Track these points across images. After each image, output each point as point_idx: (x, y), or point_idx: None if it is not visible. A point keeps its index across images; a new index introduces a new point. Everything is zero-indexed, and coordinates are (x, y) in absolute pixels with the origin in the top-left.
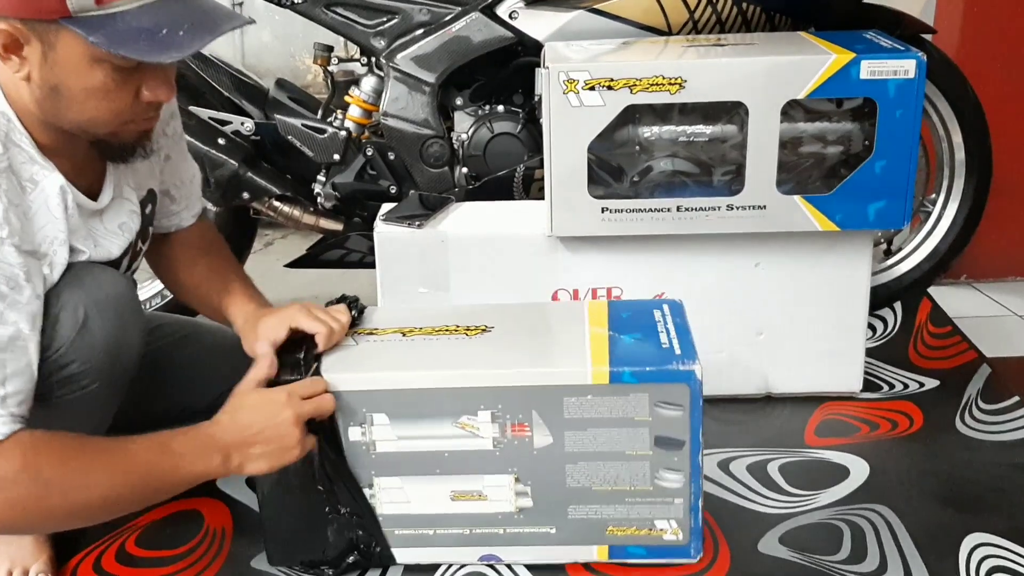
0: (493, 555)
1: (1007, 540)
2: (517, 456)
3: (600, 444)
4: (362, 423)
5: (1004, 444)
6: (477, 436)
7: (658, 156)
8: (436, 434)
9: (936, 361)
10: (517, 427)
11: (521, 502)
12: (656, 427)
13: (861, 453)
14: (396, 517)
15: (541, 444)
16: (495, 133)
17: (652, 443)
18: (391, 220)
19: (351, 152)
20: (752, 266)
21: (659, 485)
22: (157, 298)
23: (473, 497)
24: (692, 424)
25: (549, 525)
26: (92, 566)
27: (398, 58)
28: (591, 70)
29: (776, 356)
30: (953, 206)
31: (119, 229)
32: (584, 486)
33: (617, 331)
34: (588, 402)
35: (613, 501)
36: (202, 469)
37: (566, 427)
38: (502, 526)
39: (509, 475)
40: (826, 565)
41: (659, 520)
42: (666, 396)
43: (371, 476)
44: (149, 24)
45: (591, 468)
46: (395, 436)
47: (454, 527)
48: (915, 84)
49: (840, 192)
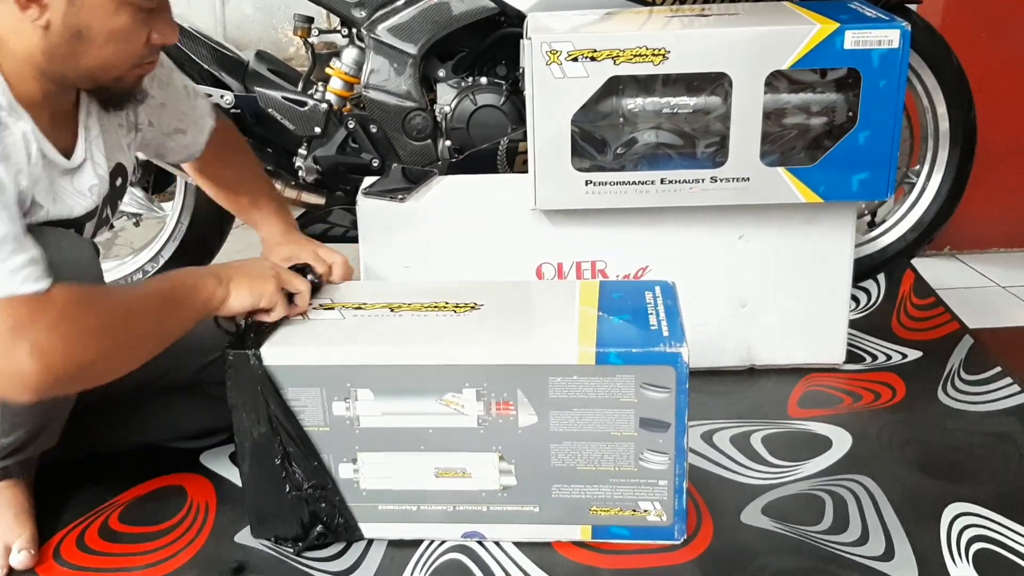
0: (476, 532)
1: (988, 509)
2: (501, 434)
3: (585, 424)
4: (346, 398)
5: (986, 414)
6: (461, 414)
7: (642, 128)
8: (420, 410)
9: (919, 332)
10: (502, 405)
11: (505, 480)
12: (642, 409)
13: (844, 424)
14: (379, 492)
15: (526, 423)
16: (478, 105)
17: (637, 425)
18: (373, 194)
19: (333, 125)
20: (736, 238)
21: (643, 467)
22: (139, 273)
23: (457, 474)
24: (678, 406)
25: (533, 504)
26: (75, 542)
27: (379, 29)
28: (574, 41)
29: (760, 328)
30: (937, 177)
31: (88, 191)
32: (568, 465)
33: (607, 312)
34: (574, 382)
35: (597, 481)
36: (203, 285)
37: (551, 407)
38: (485, 503)
39: (493, 453)
40: (808, 535)
41: (643, 501)
42: (652, 378)
43: (355, 451)
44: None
45: (575, 448)
46: (379, 412)
47: (437, 503)
48: (899, 54)
49: (824, 164)
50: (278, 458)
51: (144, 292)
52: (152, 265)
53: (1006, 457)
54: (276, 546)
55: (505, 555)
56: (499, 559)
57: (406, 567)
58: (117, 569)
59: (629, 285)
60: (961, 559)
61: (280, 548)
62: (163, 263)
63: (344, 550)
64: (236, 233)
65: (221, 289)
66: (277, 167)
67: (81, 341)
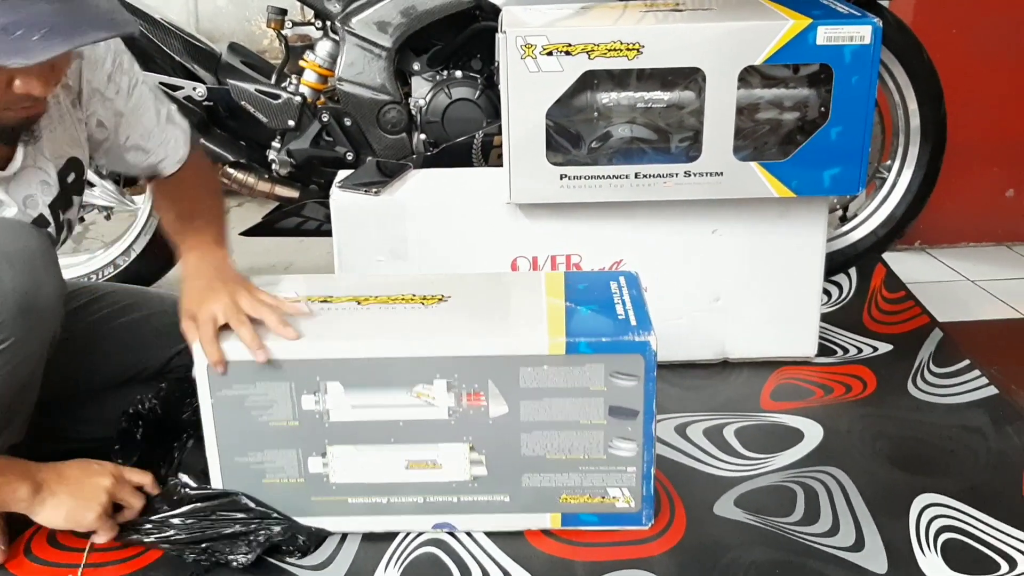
0: (447, 523)
1: (957, 500)
2: (472, 425)
3: (555, 414)
4: (315, 391)
5: (955, 407)
6: (432, 405)
7: (616, 122)
8: (391, 403)
9: (890, 326)
10: (473, 396)
11: (475, 470)
12: (611, 397)
13: (815, 416)
14: (349, 486)
15: (496, 413)
16: (453, 99)
17: (606, 413)
18: (348, 187)
19: (306, 118)
20: (709, 232)
21: (612, 454)
22: (110, 267)
23: (427, 466)
24: (646, 394)
25: (503, 493)
26: (47, 538)
27: (353, 22)
28: (549, 35)
29: (733, 321)
30: (908, 172)
31: (23, 203)
32: (538, 455)
33: (574, 303)
34: (544, 372)
35: (567, 469)
36: (11, 487)
37: (522, 396)
38: (456, 494)
39: (464, 444)
40: (780, 526)
41: (612, 488)
42: (621, 367)
43: (324, 445)
44: (5, 22)
45: (545, 437)
46: (349, 405)
47: (408, 495)
48: (871, 50)
49: (796, 158)
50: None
51: None
52: (123, 259)
53: (974, 449)
54: None
55: (479, 548)
56: (473, 552)
57: (380, 561)
58: (88, 565)
59: (593, 276)
60: (930, 549)
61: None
62: (134, 257)
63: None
64: None
65: (31, 501)
66: (250, 160)
67: None
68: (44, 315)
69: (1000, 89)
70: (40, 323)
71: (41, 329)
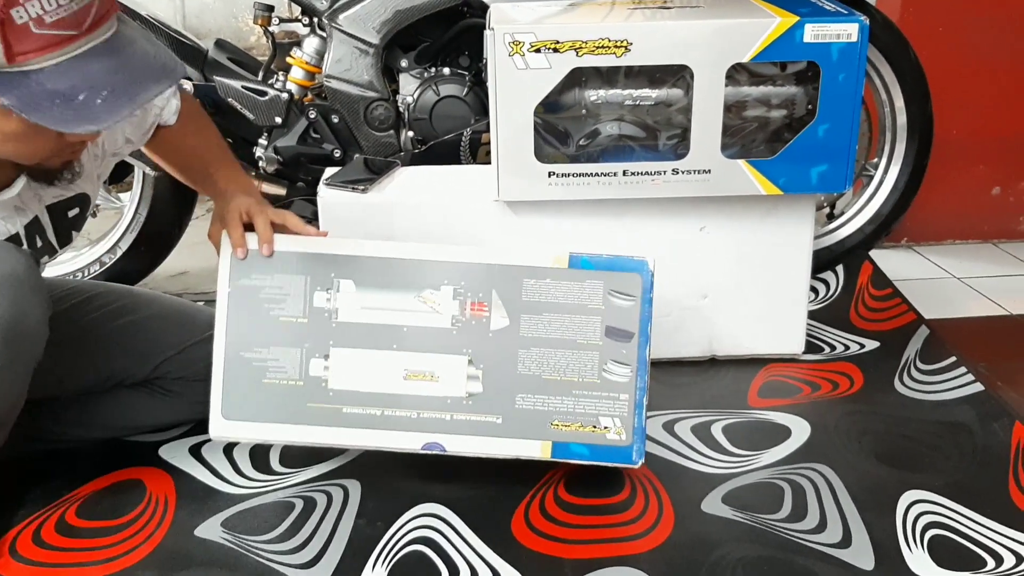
0: (437, 443)
1: (943, 497)
2: (472, 337)
3: (553, 331)
4: (328, 288)
5: (941, 403)
6: (436, 312)
7: (604, 120)
8: (398, 306)
9: (876, 323)
10: (476, 306)
11: (471, 387)
12: (608, 317)
13: (803, 413)
14: (346, 393)
15: (497, 326)
16: (441, 96)
17: (603, 333)
18: (335, 185)
19: (293, 115)
20: (697, 230)
21: (606, 378)
22: (96, 265)
23: (425, 377)
24: (642, 316)
25: (496, 415)
26: (32, 538)
27: (341, 18)
28: (537, 32)
29: (720, 319)
30: (895, 170)
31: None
32: (534, 373)
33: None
34: (546, 285)
35: (560, 392)
36: None
37: (523, 310)
38: (450, 411)
39: (463, 356)
40: (768, 523)
41: (604, 417)
42: (619, 285)
43: (328, 346)
44: (65, 87)
45: (543, 355)
46: (358, 306)
47: (402, 409)
48: (857, 48)
49: (783, 156)
50: None
51: None
52: (109, 257)
53: (960, 446)
54: (236, 540)
55: (467, 546)
56: (461, 550)
57: (368, 559)
58: (75, 564)
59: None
60: (916, 545)
61: (241, 542)
62: (120, 254)
63: (305, 543)
64: (196, 224)
65: None
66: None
67: None
68: (29, 341)
69: (986, 87)
70: (25, 349)
71: (26, 355)
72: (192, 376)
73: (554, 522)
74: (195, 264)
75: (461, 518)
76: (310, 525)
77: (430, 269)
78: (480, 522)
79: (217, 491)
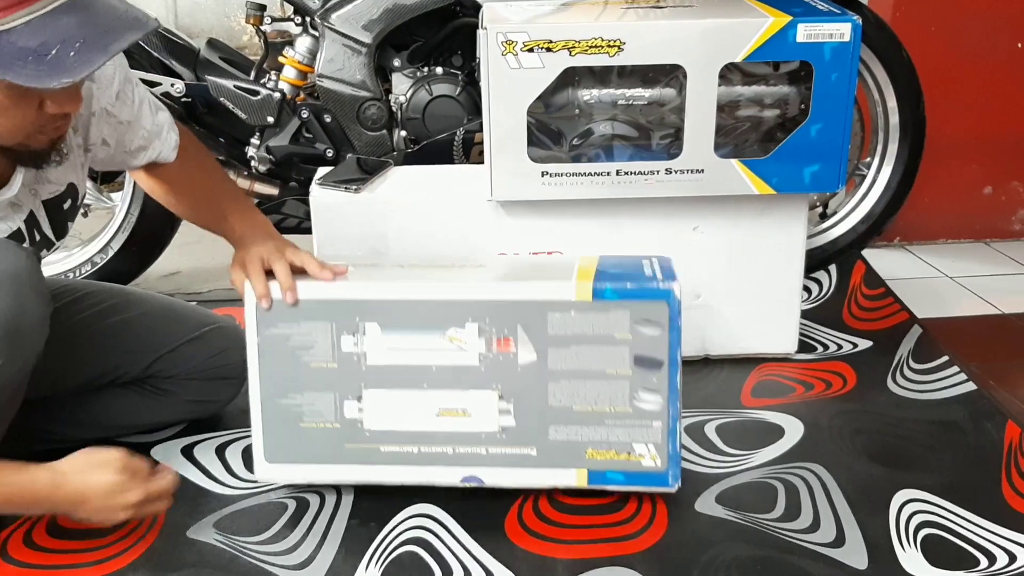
0: (475, 476)
1: (936, 496)
2: (501, 373)
3: (582, 362)
4: (355, 332)
5: (934, 403)
6: (463, 351)
7: (597, 119)
8: (425, 346)
9: (869, 322)
10: (502, 342)
11: (504, 420)
12: (636, 346)
13: (796, 413)
14: (383, 433)
15: (525, 360)
16: (434, 95)
17: (632, 362)
18: (328, 184)
19: (286, 114)
20: (690, 230)
21: (638, 407)
22: (87, 265)
23: (457, 414)
24: (671, 344)
25: (530, 446)
26: (23, 539)
27: (333, 17)
28: (530, 31)
29: (714, 319)
30: (887, 169)
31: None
32: (565, 405)
33: (603, 266)
34: (571, 318)
35: (592, 422)
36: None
37: (550, 344)
38: (484, 445)
39: (493, 391)
40: (761, 523)
41: (637, 444)
42: (646, 314)
43: (360, 388)
44: (36, 43)
45: (572, 387)
46: (385, 347)
47: (438, 445)
48: (850, 47)
49: (776, 156)
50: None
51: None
52: (101, 256)
53: (953, 445)
54: (229, 541)
55: (461, 547)
56: (455, 551)
57: (361, 559)
58: (67, 566)
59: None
60: (910, 545)
61: (233, 543)
62: (112, 254)
63: (298, 544)
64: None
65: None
66: (229, 157)
67: None
68: (30, 338)
69: (979, 86)
70: (26, 346)
71: (26, 352)
72: (184, 375)
73: (548, 522)
74: (187, 264)
75: (454, 518)
76: (303, 526)
77: (452, 308)
78: (473, 522)
79: (209, 492)
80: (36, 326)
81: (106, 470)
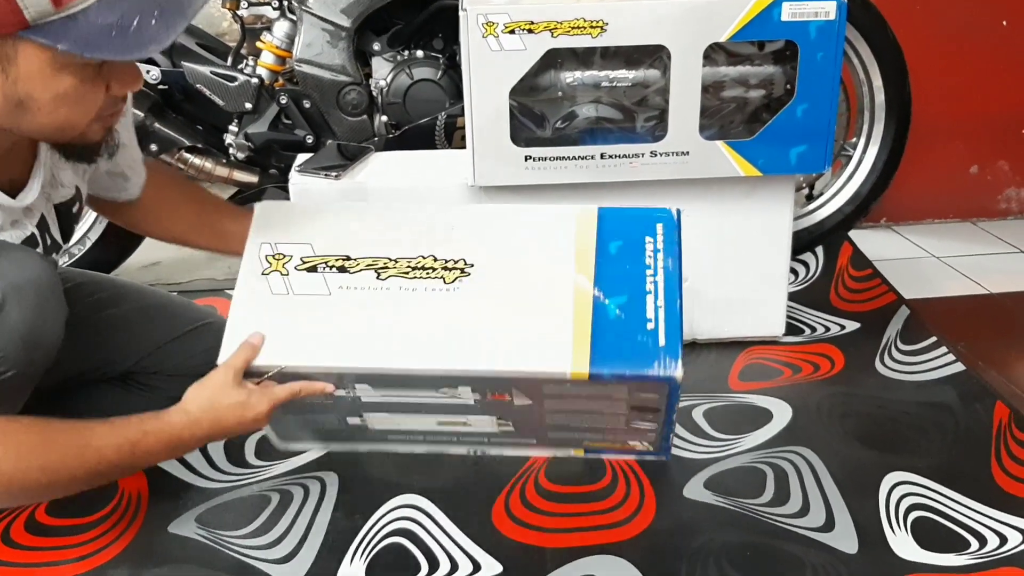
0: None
1: (925, 478)
2: (498, 410)
3: (579, 406)
4: (345, 388)
5: (922, 384)
6: (459, 399)
7: (581, 102)
8: (419, 398)
9: (856, 304)
10: (497, 395)
11: (503, 428)
12: (635, 401)
13: (784, 396)
14: (388, 431)
15: (521, 403)
16: (415, 80)
17: (628, 409)
18: (308, 171)
19: (264, 100)
20: None
21: (634, 427)
22: (64, 256)
23: (458, 424)
24: (670, 404)
25: (530, 439)
26: (1, 537)
27: (311, 1)
28: (510, 13)
29: (700, 302)
30: (873, 150)
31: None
32: (562, 424)
33: (602, 290)
34: (567, 388)
35: (591, 431)
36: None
37: (546, 397)
38: (487, 438)
39: (491, 417)
40: (750, 508)
41: (632, 442)
42: (645, 389)
43: (360, 412)
44: (115, 18)
45: (569, 418)
46: (379, 396)
47: (442, 438)
48: (836, 26)
49: (762, 137)
50: None
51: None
52: (79, 248)
53: (942, 426)
54: (211, 535)
55: (447, 537)
56: (441, 541)
57: (346, 552)
58: (46, 564)
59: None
60: (900, 528)
61: (216, 537)
62: (89, 245)
63: (282, 537)
64: None
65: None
66: (207, 145)
67: (28, 476)
68: (47, 348)
69: (964, 66)
70: (43, 356)
71: (43, 360)
72: (169, 371)
73: (535, 511)
74: (167, 255)
75: (440, 509)
76: (287, 519)
77: (443, 378)
78: (460, 512)
79: (191, 486)
80: (54, 336)
81: (226, 392)
